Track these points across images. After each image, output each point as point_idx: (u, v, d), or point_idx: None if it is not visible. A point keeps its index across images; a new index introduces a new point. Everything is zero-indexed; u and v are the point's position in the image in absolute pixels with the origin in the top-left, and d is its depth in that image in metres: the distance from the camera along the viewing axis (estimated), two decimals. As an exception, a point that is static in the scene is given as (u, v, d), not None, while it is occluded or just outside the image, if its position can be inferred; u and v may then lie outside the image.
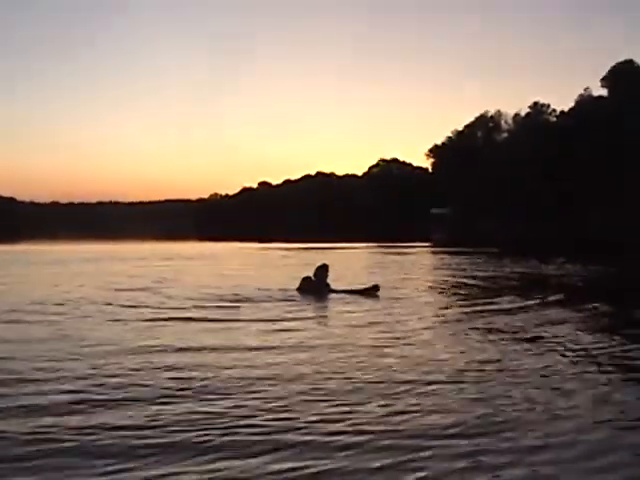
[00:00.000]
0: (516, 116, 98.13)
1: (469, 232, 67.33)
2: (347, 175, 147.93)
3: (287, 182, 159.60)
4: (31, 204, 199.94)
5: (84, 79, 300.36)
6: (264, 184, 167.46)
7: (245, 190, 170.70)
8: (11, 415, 5.33)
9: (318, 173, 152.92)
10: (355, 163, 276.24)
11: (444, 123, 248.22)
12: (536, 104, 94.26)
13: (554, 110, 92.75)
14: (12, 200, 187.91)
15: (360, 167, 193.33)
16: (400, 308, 11.63)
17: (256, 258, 29.80)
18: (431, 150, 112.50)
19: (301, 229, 77.68)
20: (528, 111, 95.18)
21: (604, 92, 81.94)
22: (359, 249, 36.50)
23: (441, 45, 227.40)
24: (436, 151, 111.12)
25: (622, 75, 77.23)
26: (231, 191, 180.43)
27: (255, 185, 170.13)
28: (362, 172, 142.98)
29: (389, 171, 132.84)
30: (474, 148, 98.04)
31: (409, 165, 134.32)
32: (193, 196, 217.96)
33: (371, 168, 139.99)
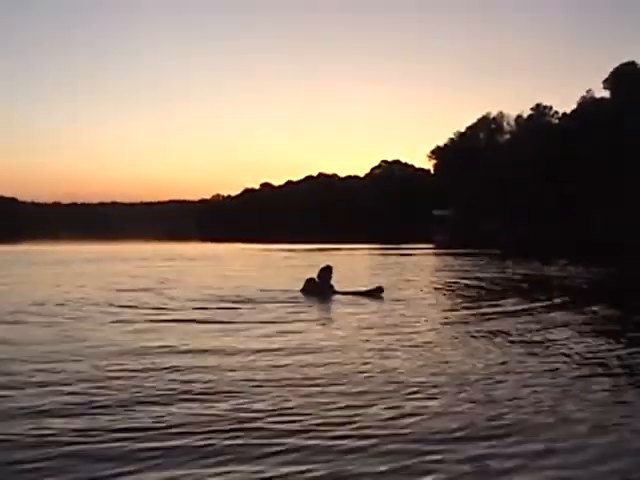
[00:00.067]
0: (518, 118, 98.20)
1: (471, 234, 67.24)
2: (349, 176, 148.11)
3: (289, 183, 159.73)
4: (33, 204, 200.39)
5: (86, 79, 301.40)
6: (266, 185, 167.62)
7: (247, 191, 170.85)
8: (13, 418, 5.29)
9: (320, 174, 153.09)
10: (357, 164, 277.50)
11: (446, 124, 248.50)
12: (538, 106, 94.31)
13: (556, 112, 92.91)
14: (14, 200, 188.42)
15: (362, 168, 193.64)
16: (404, 310, 11.57)
17: (258, 259, 29.76)
18: (433, 151, 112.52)
19: (303, 230, 77.63)
20: (530, 113, 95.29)
21: (606, 94, 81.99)
22: (361, 250, 36.43)
23: (444, 46, 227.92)
24: (438, 152, 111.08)
25: (624, 77, 77.21)
26: (233, 192, 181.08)
27: (257, 186, 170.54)
28: (364, 173, 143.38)
29: (391, 172, 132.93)
30: (476, 149, 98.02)
31: (411, 166, 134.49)
32: (195, 197, 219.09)
33: (373, 169, 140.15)
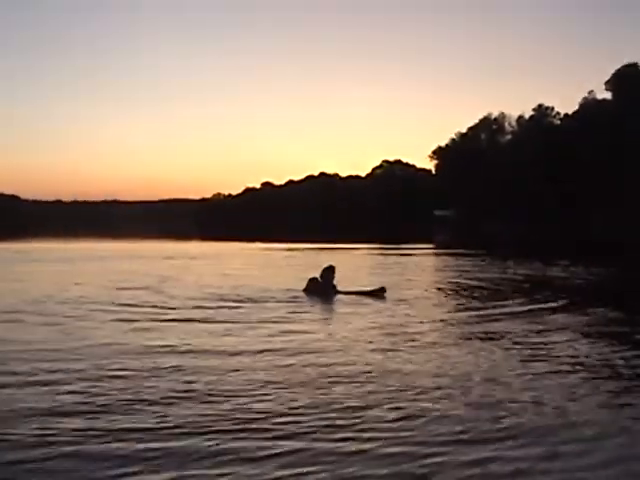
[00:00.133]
0: (520, 118, 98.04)
1: (473, 234, 67.16)
2: (350, 176, 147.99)
3: (290, 183, 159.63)
4: (34, 202, 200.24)
5: (87, 79, 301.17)
6: (267, 184, 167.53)
7: (248, 190, 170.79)
8: (14, 417, 5.26)
9: (321, 174, 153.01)
10: (358, 164, 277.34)
11: (447, 125, 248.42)
12: (540, 106, 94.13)
13: (558, 113, 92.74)
14: (15, 198, 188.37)
15: (363, 168, 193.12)
16: (407, 310, 11.56)
17: (259, 258, 29.73)
18: (434, 152, 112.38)
19: (304, 230, 77.57)
20: (532, 113, 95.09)
21: (608, 95, 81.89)
22: (362, 250, 36.38)
23: (445, 46, 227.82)
24: (439, 153, 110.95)
25: (626, 78, 77.04)
26: (234, 191, 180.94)
27: (258, 185, 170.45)
28: (365, 173, 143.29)
29: (392, 172, 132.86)
30: (478, 150, 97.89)
31: (412, 166, 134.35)
32: (196, 196, 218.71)
33: (374, 169, 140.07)
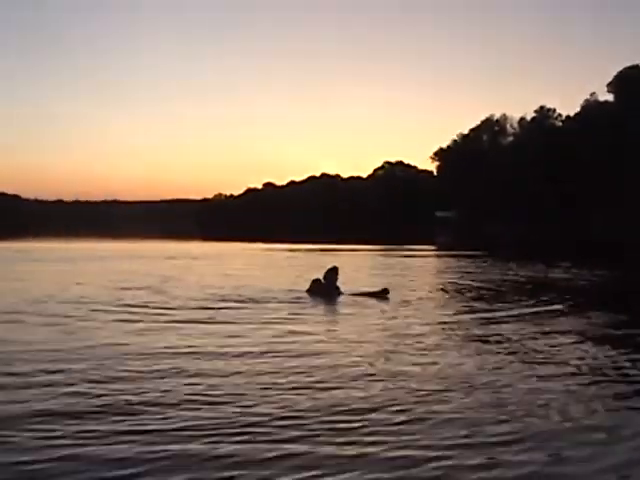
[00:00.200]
0: (522, 120, 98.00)
1: (474, 235, 67.12)
2: (352, 177, 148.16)
3: (292, 183, 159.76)
4: (36, 202, 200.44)
5: (89, 78, 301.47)
6: (269, 185, 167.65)
7: (250, 191, 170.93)
8: (16, 419, 5.20)
9: (323, 174, 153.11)
10: (360, 165, 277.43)
11: (449, 126, 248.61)
12: (542, 108, 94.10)
13: (560, 114, 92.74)
14: (17, 198, 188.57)
15: (365, 169, 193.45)
16: (410, 312, 11.50)
17: (261, 259, 29.70)
18: (436, 153, 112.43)
19: (305, 230, 77.59)
20: (534, 115, 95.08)
21: (610, 97, 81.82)
22: (364, 251, 36.35)
23: (447, 47, 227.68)
24: (441, 154, 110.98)
25: (628, 80, 76.98)
26: (236, 191, 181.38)
27: (260, 186, 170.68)
28: (367, 174, 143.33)
29: (394, 173, 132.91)
30: (479, 151, 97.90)
31: (414, 168, 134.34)
32: (197, 196, 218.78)
33: (376, 170, 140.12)
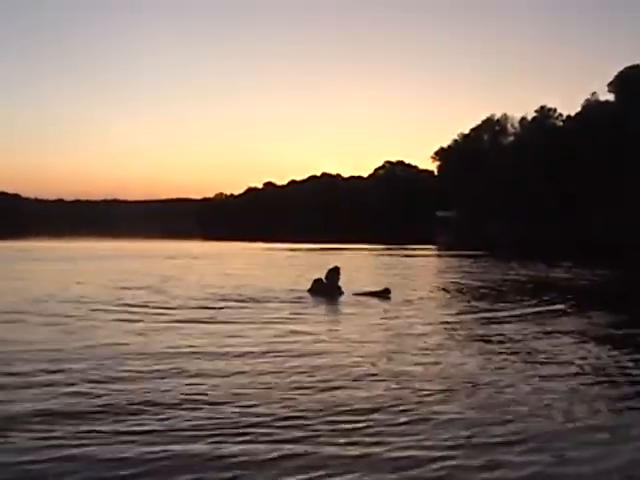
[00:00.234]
0: (522, 120, 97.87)
1: (475, 235, 67.10)
2: (352, 177, 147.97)
3: (292, 183, 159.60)
4: (36, 201, 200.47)
5: (89, 79, 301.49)
6: (269, 184, 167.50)
7: (250, 190, 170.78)
8: (17, 419, 5.18)
9: (323, 174, 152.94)
10: (361, 165, 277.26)
11: (450, 126, 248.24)
12: (543, 108, 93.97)
13: (560, 114, 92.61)
14: (17, 197, 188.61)
15: (366, 169, 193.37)
16: (412, 312, 11.49)
17: (262, 258, 29.68)
18: (437, 153, 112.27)
19: (306, 230, 77.56)
20: (535, 115, 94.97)
21: (611, 97, 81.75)
22: (364, 250, 36.32)
23: (449, 47, 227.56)
24: (442, 154, 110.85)
25: (629, 80, 76.88)
26: (236, 191, 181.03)
27: (260, 185, 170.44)
28: (367, 174, 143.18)
29: (394, 173, 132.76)
30: (480, 151, 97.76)
31: (414, 167, 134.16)
32: (198, 196, 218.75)
33: (377, 170, 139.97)
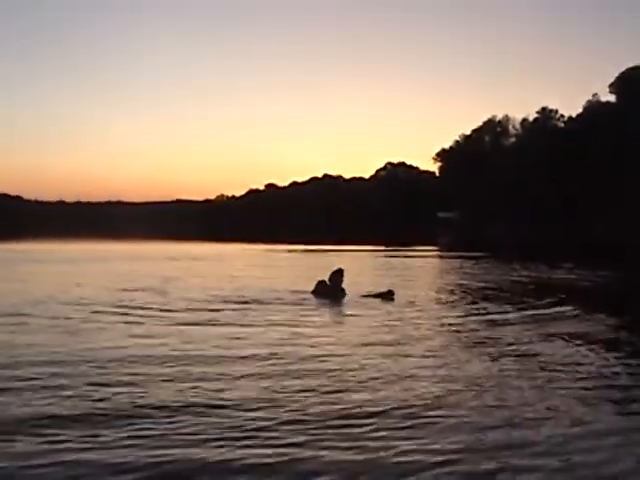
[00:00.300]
0: (524, 121, 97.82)
1: (476, 236, 67.04)
2: (354, 178, 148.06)
3: (294, 184, 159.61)
4: (37, 203, 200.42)
5: (91, 79, 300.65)
6: (271, 186, 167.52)
7: (252, 192, 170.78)
8: (18, 423, 5.16)
9: (325, 175, 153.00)
10: (362, 166, 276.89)
11: (452, 127, 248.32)
12: (544, 109, 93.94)
13: (562, 115, 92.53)
14: (19, 198, 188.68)
15: (367, 170, 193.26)
16: (416, 313, 11.47)
17: (263, 259, 29.67)
18: (438, 154, 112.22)
19: (307, 231, 77.50)
20: (536, 116, 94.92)
21: (612, 98, 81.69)
22: (367, 252, 36.31)
23: (450, 48, 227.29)
24: (443, 155, 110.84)
25: (630, 81, 76.81)
26: (238, 192, 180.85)
27: (262, 187, 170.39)
28: (369, 175, 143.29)
29: (396, 174, 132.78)
30: (482, 152, 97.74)
31: (416, 169, 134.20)
32: (200, 197, 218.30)
33: (378, 171, 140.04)
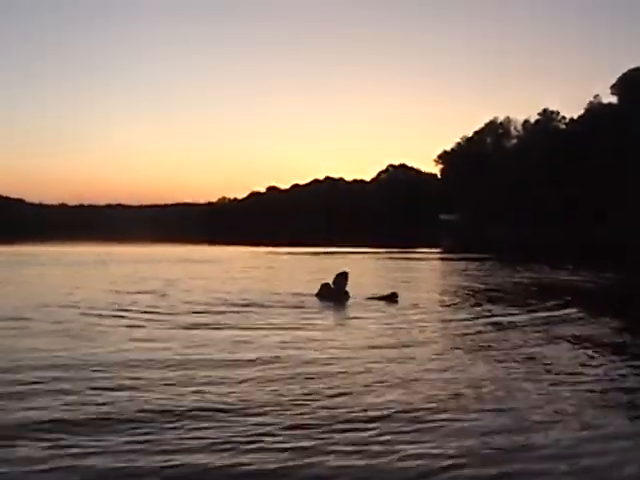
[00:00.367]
0: (526, 123, 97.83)
1: (478, 238, 66.98)
2: (355, 180, 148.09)
3: (295, 186, 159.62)
4: (40, 206, 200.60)
5: (93, 82, 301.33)
6: (272, 189, 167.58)
7: (253, 194, 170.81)
8: (20, 428, 5.13)
9: (326, 178, 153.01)
10: (363, 168, 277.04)
11: (453, 129, 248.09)
12: (545, 111, 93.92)
13: (564, 117, 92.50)
14: (21, 202, 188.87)
15: (368, 172, 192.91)
16: (420, 316, 11.43)
17: (266, 262, 29.62)
18: (440, 156, 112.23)
19: (309, 233, 77.54)
20: (538, 118, 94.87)
21: (614, 99, 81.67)
22: (368, 254, 36.27)
23: (452, 50, 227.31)
24: (445, 157, 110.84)
25: (632, 82, 76.77)
26: (240, 195, 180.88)
27: (263, 189, 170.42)
28: (370, 177, 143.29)
29: (397, 177, 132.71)
30: (483, 154, 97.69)
31: (417, 171, 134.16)
32: (201, 200, 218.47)
33: (380, 173, 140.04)
